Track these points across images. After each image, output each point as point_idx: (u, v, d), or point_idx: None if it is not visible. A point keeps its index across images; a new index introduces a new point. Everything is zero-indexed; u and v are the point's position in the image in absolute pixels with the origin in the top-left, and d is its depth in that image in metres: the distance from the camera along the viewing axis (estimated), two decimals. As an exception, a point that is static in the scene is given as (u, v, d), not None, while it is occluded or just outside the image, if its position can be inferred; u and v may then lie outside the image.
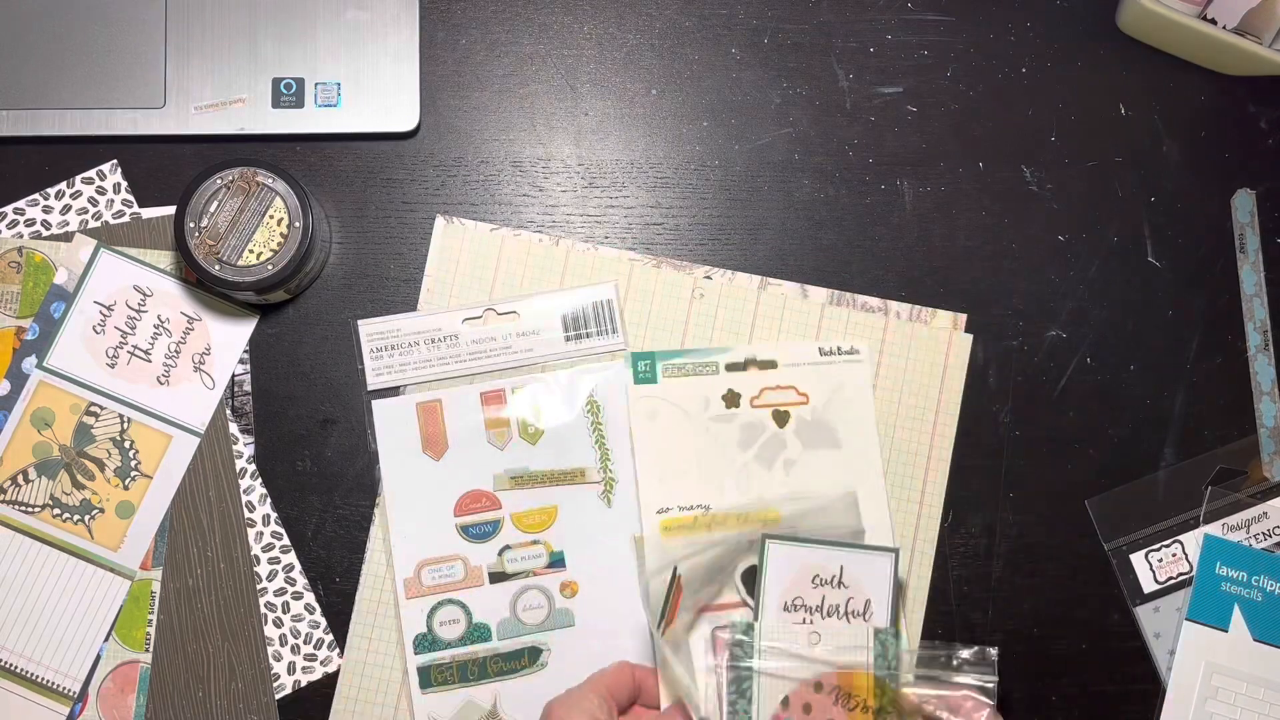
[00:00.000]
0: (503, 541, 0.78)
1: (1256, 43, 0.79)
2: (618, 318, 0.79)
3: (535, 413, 0.79)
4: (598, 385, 0.79)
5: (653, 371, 0.77)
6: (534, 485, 0.78)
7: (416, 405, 0.78)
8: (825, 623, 0.72)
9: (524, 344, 0.79)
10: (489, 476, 0.78)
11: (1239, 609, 0.78)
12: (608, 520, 0.78)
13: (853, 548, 0.73)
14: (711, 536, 0.74)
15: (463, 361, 0.79)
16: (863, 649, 0.71)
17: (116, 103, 0.79)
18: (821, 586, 0.72)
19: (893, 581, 0.72)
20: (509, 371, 0.79)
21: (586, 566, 0.78)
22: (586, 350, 0.79)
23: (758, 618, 0.72)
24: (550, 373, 0.79)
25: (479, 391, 0.79)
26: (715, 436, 0.76)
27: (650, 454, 0.76)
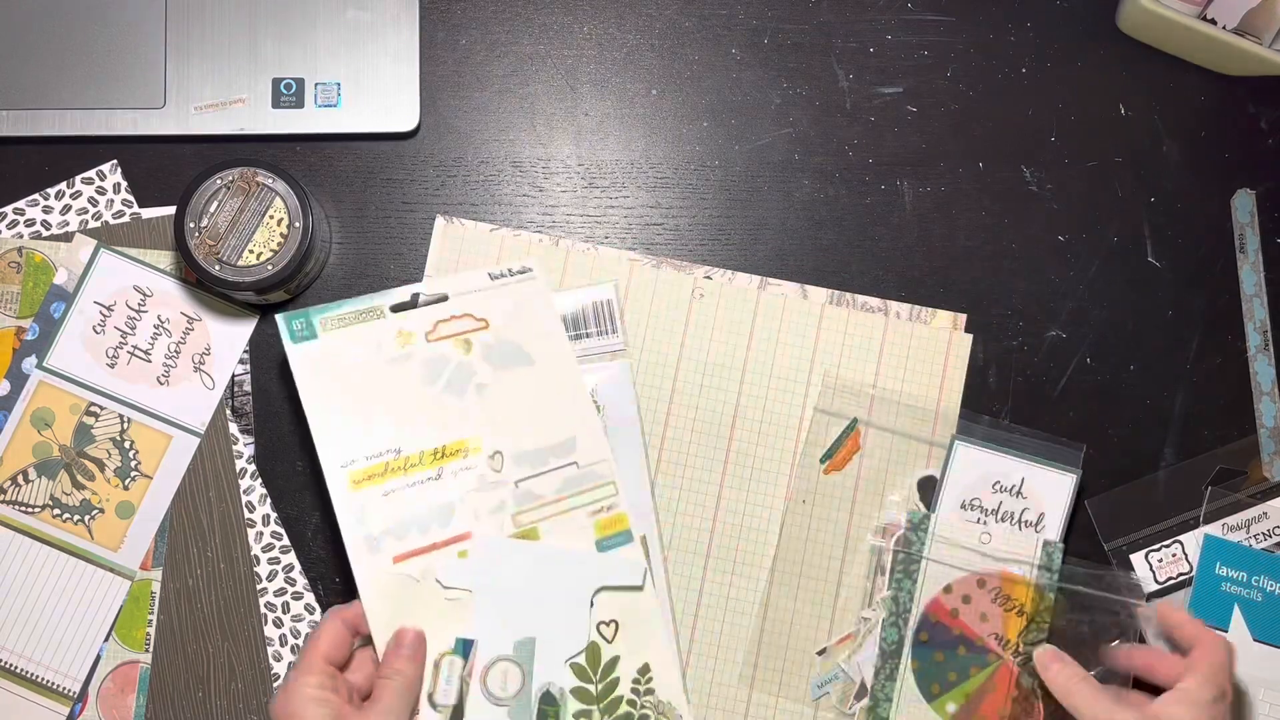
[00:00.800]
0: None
1: (1256, 43, 0.79)
2: (618, 318, 0.79)
3: (535, 413, 0.79)
4: (598, 385, 0.79)
5: (310, 328, 0.72)
6: (533, 485, 0.78)
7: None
8: (998, 527, 0.77)
9: (524, 344, 0.79)
10: (488, 476, 0.78)
11: (1239, 609, 0.78)
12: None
13: (1038, 462, 0.78)
14: (409, 479, 0.71)
15: (462, 361, 0.79)
16: (1029, 557, 0.77)
17: (116, 103, 0.79)
18: (1001, 493, 0.77)
19: (1071, 499, 0.77)
20: (509, 371, 0.79)
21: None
22: (586, 350, 0.79)
23: (933, 510, 0.78)
24: (550, 373, 0.79)
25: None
26: (395, 377, 0.73)
27: (323, 411, 0.71)
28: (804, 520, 0.79)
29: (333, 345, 0.73)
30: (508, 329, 0.75)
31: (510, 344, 0.75)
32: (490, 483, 0.73)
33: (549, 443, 0.74)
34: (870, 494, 0.79)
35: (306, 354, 0.72)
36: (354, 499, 0.71)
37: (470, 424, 0.73)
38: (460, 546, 0.71)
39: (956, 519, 0.78)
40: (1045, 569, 0.77)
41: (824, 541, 0.79)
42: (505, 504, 0.72)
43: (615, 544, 0.74)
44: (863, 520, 0.79)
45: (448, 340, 0.74)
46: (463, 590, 0.71)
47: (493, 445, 0.73)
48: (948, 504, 0.78)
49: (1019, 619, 0.77)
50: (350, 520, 0.71)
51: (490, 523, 0.72)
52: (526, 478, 0.73)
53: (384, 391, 0.72)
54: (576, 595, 0.72)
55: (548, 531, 0.73)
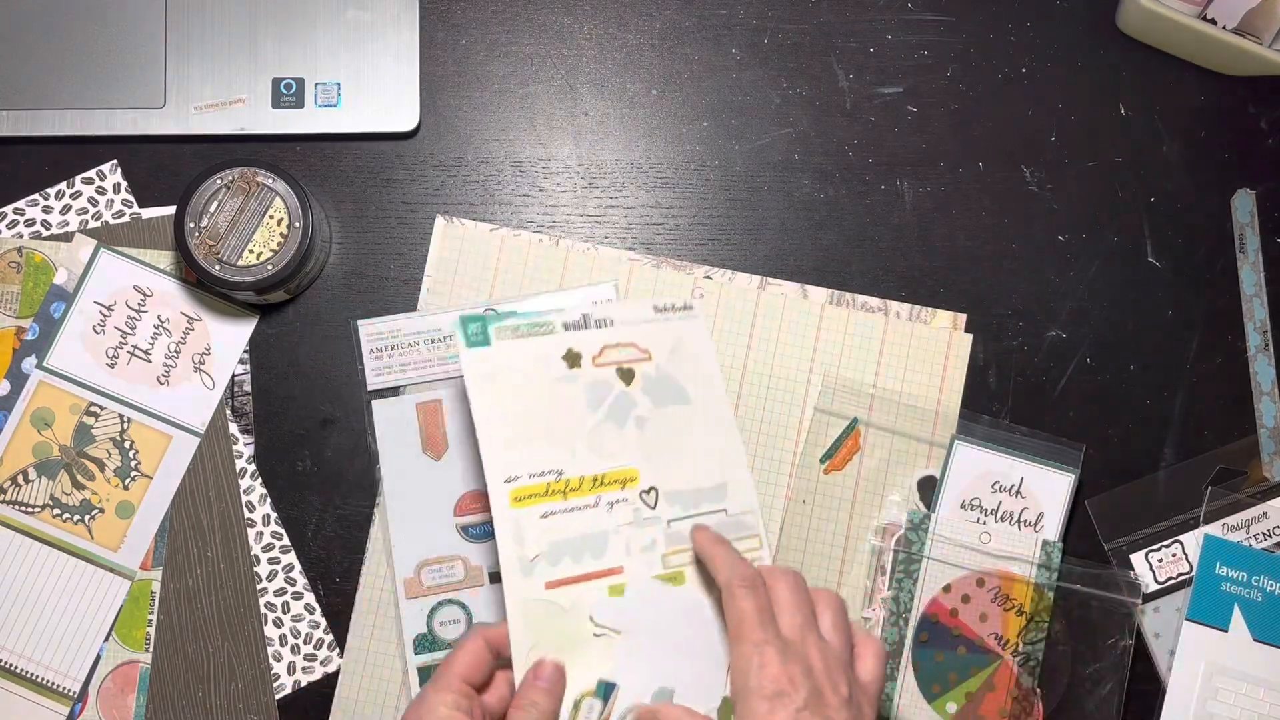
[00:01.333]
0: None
1: (1256, 43, 0.79)
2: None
3: (535, 413, 0.79)
4: (598, 385, 0.79)
5: (484, 334, 0.70)
6: (534, 485, 0.78)
7: (416, 405, 0.78)
8: (997, 526, 0.77)
9: (524, 344, 0.79)
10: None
11: (1239, 609, 0.78)
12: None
13: (1037, 461, 0.78)
14: (568, 504, 0.69)
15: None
16: (1029, 557, 0.77)
17: (116, 103, 0.79)
18: (1000, 492, 0.78)
19: (1069, 499, 0.78)
20: (509, 371, 0.79)
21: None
22: (587, 350, 0.79)
23: (933, 510, 0.78)
24: (550, 373, 0.79)
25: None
26: (560, 398, 0.70)
27: (492, 421, 0.69)
28: (804, 520, 0.79)
29: (505, 354, 0.70)
30: (669, 364, 0.72)
31: (670, 380, 0.72)
32: (644, 519, 0.69)
33: (701, 486, 0.71)
34: (870, 494, 0.79)
35: (480, 360, 0.69)
36: (514, 517, 0.68)
37: (628, 456, 0.70)
38: (611, 580, 0.68)
39: (956, 519, 0.78)
40: (1045, 568, 0.77)
41: (824, 541, 0.79)
42: (657, 543, 0.69)
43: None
44: (863, 520, 0.79)
45: (612, 367, 0.71)
46: (612, 630, 0.67)
47: (649, 480, 0.70)
48: (948, 504, 0.78)
49: (1018, 618, 0.77)
50: (508, 538, 0.67)
51: (641, 560, 0.69)
52: (678, 518, 0.70)
53: (550, 410, 0.70)
54: (716, 649, 0.69)
55: (693, 577, 0.69)
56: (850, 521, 0.79)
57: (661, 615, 0.69)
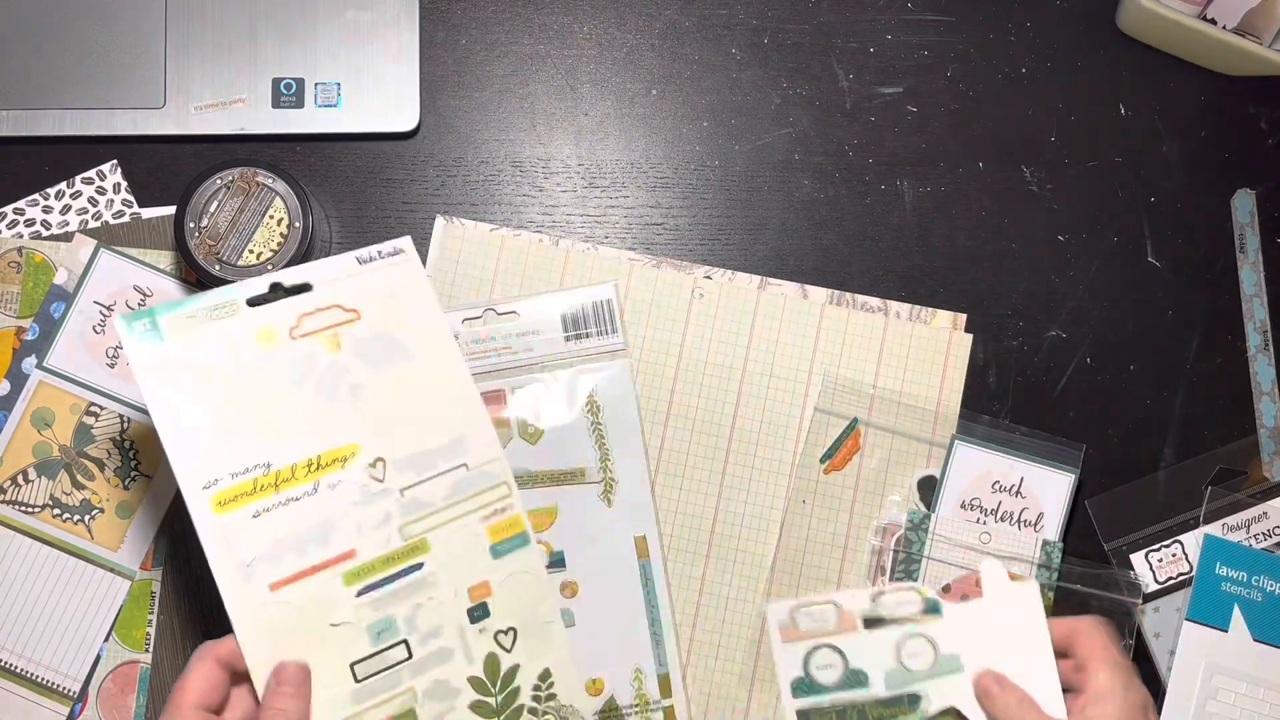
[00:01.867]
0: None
1: (1256, 43, 0.79)
2: (618, 318, 0.79)
3: (535, 413, 0.79)
4: (598, 385, 0.79)
5: (154, 329, 0.64)
6: (533, 485, 0.78)
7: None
8: (997, 526, 0.77)
9: (523, 344, 0.79)
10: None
11: (1239, 609, 0.78)
12: (608, 520, 0.78)
13: (1037, 461, 0.78)
14: (280, 495, 0.64)
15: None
16: (1029, 557, 0.77)
17: (116, 103, 0.79)
18: (1000, 492, 0.78)
19: (1069, 499, 0.78)
20: (508, 371, 0.79)
21: (586, 567, 0.78)
22: (586, 350, 0.79)
23: (933, 510, 0.78)
24: (550, 373, 0.79)
25: (478, 392, 0.79)
26: (258, 382, 0.64)
27: (178, 424, 0.63)
28: (804, 520, 0.79)
29: (183, 347, 0.64)
30: (382, 320, 0.67)
31: (385, 337, 0.67)
32: (373, 494, 0.65)
33: (435, 445, 0.67)
34: (870, 494, 0.79)
35: (152, 358, 0.64)
36: (220, 523, 0.63)
37: (346, 430, 0.65)
38: (345, 566, 0.64)
39: (956, 519, 0.78)
40: (1045, 568, 0.77)
41: (824, 541, 0.79)
42: (391, 516, 0.65)
43: (511, 547, 0.68)
44: (863, 520, 0.79)
45: (314, 336, 0.66)
46: (348, 622, 0.64)
47: (372, 452, 0.66)
48: (948, 504, 0.78)
49: None
50: (217, 548, 0.63)
51: (375, 537, 0.65)
52: (412, 485, 0.66)
53: (245, 399, 0.64)
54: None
55: (437, 541, 0.66)
56: (850, 521, 0.79)
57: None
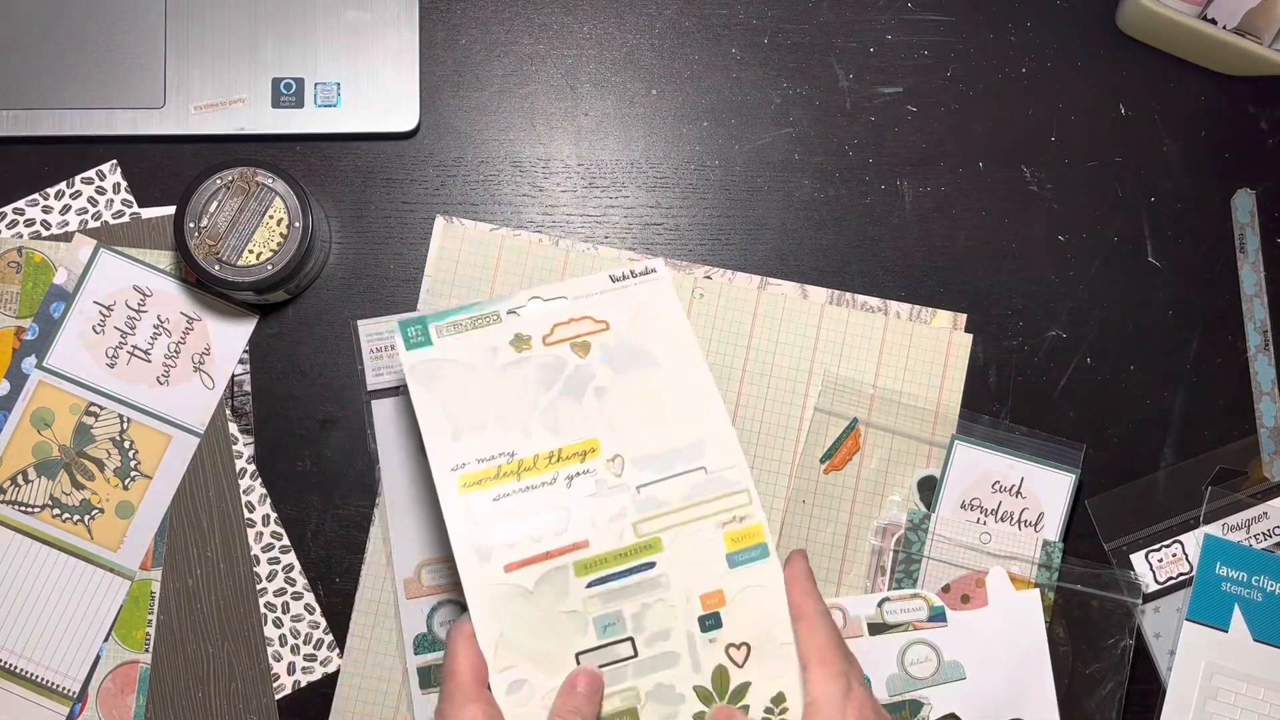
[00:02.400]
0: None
1: (1256, 43, 0.79)
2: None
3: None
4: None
5: (425, 335, 0.68)
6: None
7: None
8: (998, 526, 0.77)
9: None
10: (489, 476, 0.79)
11: (1239, 609, 0.78)
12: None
13: (1037, 461, 0.78)
14: (522, 483, 0.66)
15: (462, 361, 0.79)
16: (1029, 557, 0.77)
17: (116, 103, 0.79)
18: (1000, 493, 0.78)
19: (1069, 499, 0.78)
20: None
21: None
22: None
23: (933, 510, 0.78)
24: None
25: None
26: (510, 382, 0.68)
27: (436, 417, 0.67)
28: (804, 520, 0.79)
29: (447, 351, 0.68)
30: (631, 331, 0.70)
31: (633, 346, 0.69)
32: (609, 488, 0.66)
33: (674, 446, 0.67)
34: (870, 494, 0.79)
35: (421, 361, 0.68)
36: (463, 504, 0.66)
37: (588, 427, 0.68)
38: (577, 556, 0.65)
39: (956, 519, 0.78)
40: (1045, 568, 0.77)
41: (824, 541, 0.79)
42: (625, 511, 0.66)
43: (749, 559, 0.66)
44: (863, 520, 0.79)
45: (565, 344, 0.69)
46: (577, 611, 0.65)
47: (612, 448, 0.67)
48: (948, 504, 0.78)
49: None
50: (459, 527, 0.65)
51: (609, 531, 0.66)
52: (649, 483, 0.67)
53: (497, 396, 0.68)
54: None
55: (671, 543, 0.66)
56: (850, 521, 0.79)
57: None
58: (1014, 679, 0.76)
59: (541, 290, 0.70)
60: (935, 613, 0.77)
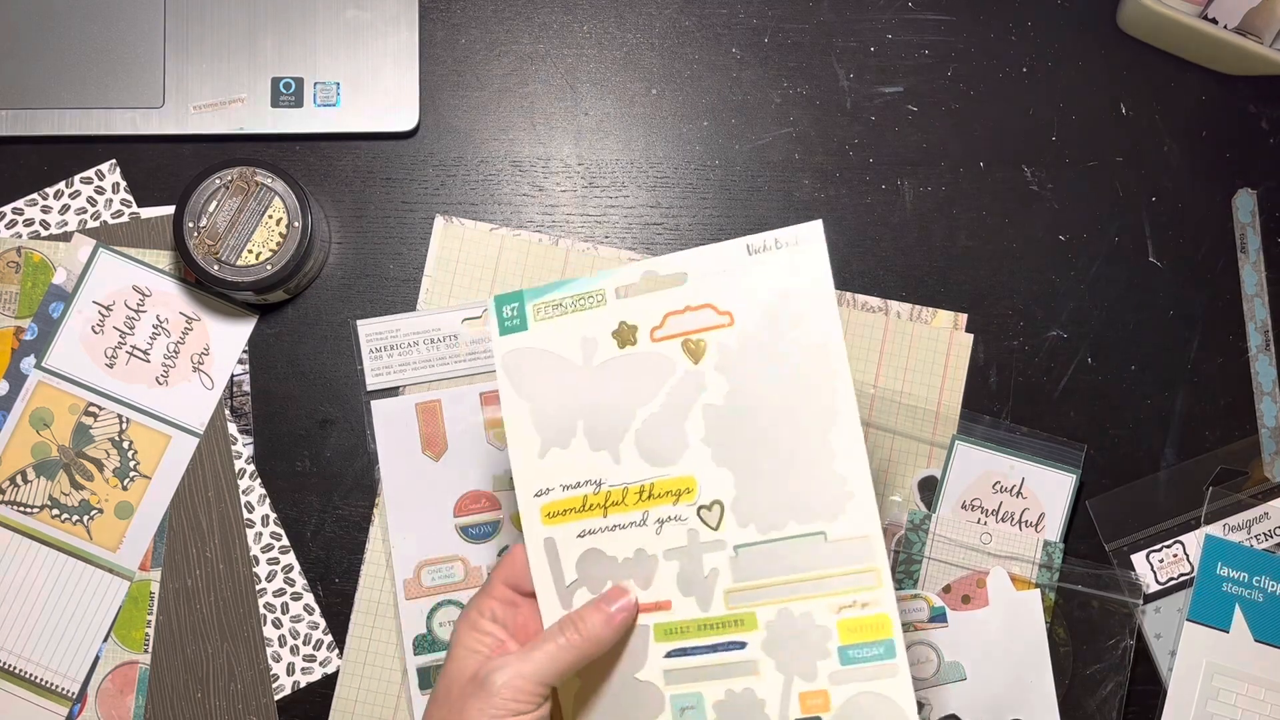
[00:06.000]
0: (502, 542, 0.78)
1: (1257, 42, 0.79)
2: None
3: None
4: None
5: (521, 316, 0.59)
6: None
7: (416, 405, 0.78)
8: (998, 527, 0.77)
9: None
10: (488, 477, 0.78)
11: (1240, 609, 0.78)
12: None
13: (1038, 462, 0.77)
14: (608, 520, 0.57)
15: (462, 361, 0.79)
16: (1030, 557, 0.76)
17: (115, 102, 0.79)
18: (1001, 493, 0.77)
19: (1070, 499, 0.77)
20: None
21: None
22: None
23: (934, 510, 0.77)
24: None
25: (478, 392, 0.79)
26: (606, 388, 0.58)
27: (524, 424, 0.59)
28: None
29: (543, 339, 0.59)
30: (760, 328, 0.55)
31: (760, 351, 0.56)
32: (702, 541, 0.56)
33: (791, 499, 0.55)
34: (871, 494, 0.79)
35: (515, 349, 0.59)
36: (548, 536, 0.58)
37: (687, 458, 0.56)
38: (658, 618, 0.56)
39: (957, 519, 0.78)
40: (1046, 569, 0.77)
41: (824, 542, 0.78)
42: (719, 574, 0.55)
43: (868, 657, 0.54)
44: (863, 520, 0.79)
45: (676, 340, 0.57)
46: (653, 684, 0.57)
47: (712, 492, 0.56)
48: (948, 504, 0.78)
49: None
50: (542, 561, 0.58)
51: (695, 595, 0.56)
52: (751, 544, 0.55)
53: (591, 404, 0.58)
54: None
55: (769, 622, 0.55)
56: (851, 522, 0.79)
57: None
58: (1015, 679, 0.76)
59: (657, 264, 0.57)
60: (936, 613, 0.77)
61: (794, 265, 0.55)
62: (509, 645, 0.58)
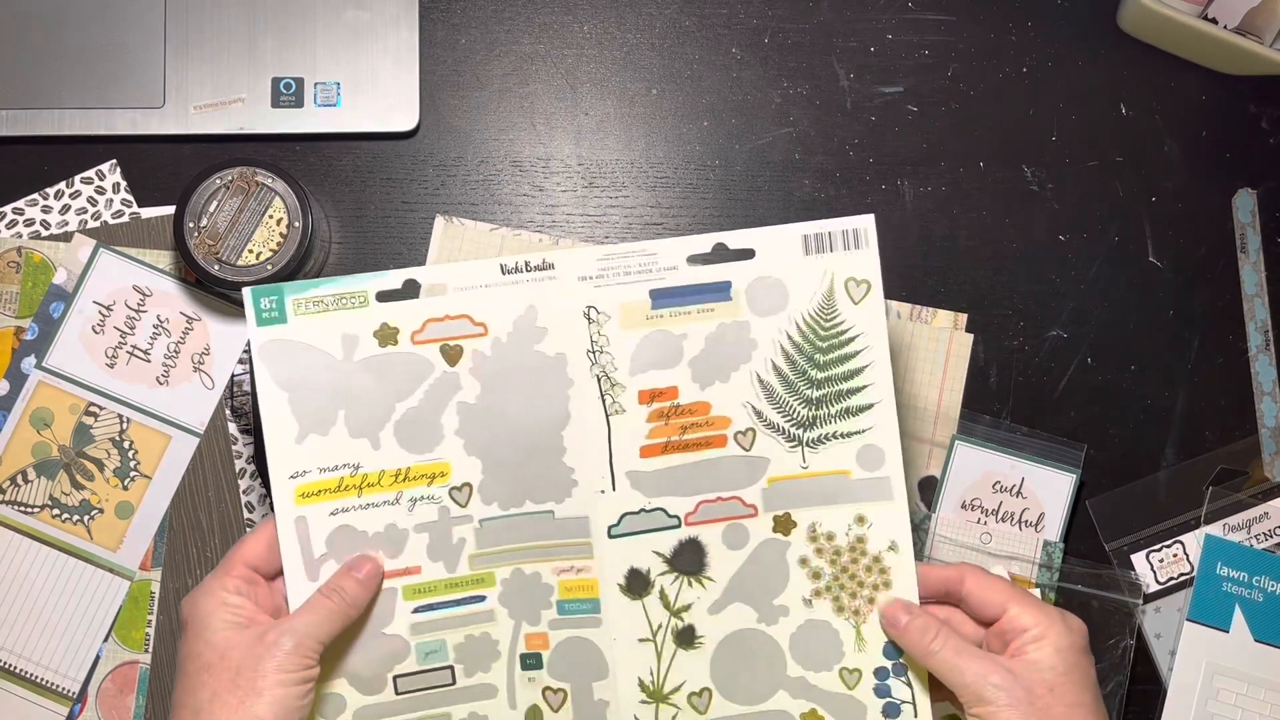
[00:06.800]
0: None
1: (1257, 42, 0.79)
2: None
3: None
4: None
5: (279, 309, 0.63)
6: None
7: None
8: (998, 526, 0.77)
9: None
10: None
11: (1240, 609, 0.78)
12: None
13: (1038, 462, 0.78)
14: (362, 499, 0.64)
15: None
16: (1030, 557, 0.77)
17: (116, 102, 0.79)
18: (1001, 493, 0.77)
19: (1070, 499, 0.77)
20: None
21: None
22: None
23: (934, 510, 0.77)
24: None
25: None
26: (367, 381, 0.64)
27: (281, 412, 0.63)
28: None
29: (303, 332, 0.64)
30: (512, 340, 0.65)
31: (509, 359, 0.65)
32: (451, 516, 0.65)
33: (528, 484, 0.65)
34: (870, 494, 0.79)
35: (272, 339, 0.64)
36: (298, 515, 0.64)
37: (442, 448, 0.65)
38: (407, 580, 0.65)
39: (957, 519, 0.78)
40: (1046, 569, 0.77)
41: (824, 542, 0.78)
42: (465, 542, 0.65)
43: (578, 610, 0.66)
44: (863, 520, 0.79)
45: (435, 344, 0.64)
46: (400, 635, 0.65)
47: (463, 475, 0.65)
48: (948, 504, 0.78)
49: None
50: (290, 538, 0.64)
51: (443, 560, 0.65)
52: (493, 518, 0.65)
53: (352, 396, 0.64)
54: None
55: (504, 580, 0.65)
56: (850, 522, 0.79)
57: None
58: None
59: (420, 272, 0.64)
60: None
61: (541, 285, 0.65)
62: (259, 616, 0.62)
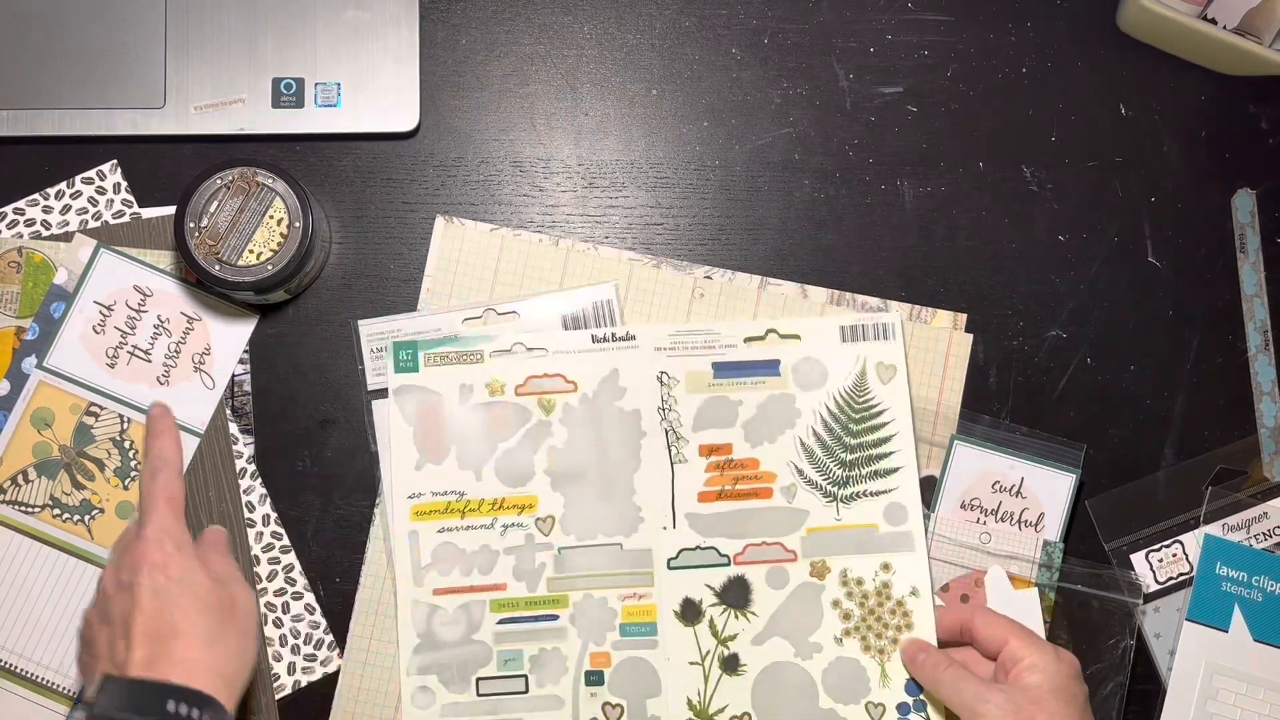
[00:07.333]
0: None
1: (1257, 43, 0.79)
2: (618, 318, 0.79)
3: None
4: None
5: (414, 360, 0.77)
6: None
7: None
8: (998, 526, 0.77)
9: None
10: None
11: (1239, 609, 0.78)
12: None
13: (1038, 461, 0.78)
14: (464, 522, 0.76)
15: (462, 361, 0.80)
16: (1029, 557, 0.77)
17: (116, 103, 0.79)
18: (1000, 493, 0.78)
19: (1070, 499, 0.78)
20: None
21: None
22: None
23: (933, 510, 0.78)
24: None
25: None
26: (476, 423, 0.77)
27: (404, 443, 0.77)
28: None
29: (430, 380, 0.77)
30: (597, 396, 0.77)
31: (593, 412, 0.77)
32: (536, 543, 0.76)
33: (602, 519, 0.76)
34: (870, 494, 0.79)
35: (406, 384, 0.77)
36: (411, 529, 0.76)
37: (532, 483, 0.76)
38: (494, 595, 0.76)
39: (956, 519, 0.78)
40: (1045, 568, 0.77)
41: (824, 541, 0.79)
42: (545, 566, 0.76)
43: (639, 633, 0.76)
44: (863, 520, 0.79)
45: (534, 397, 0.77)
46: (485, 643, 0.76)
47: (547, 509, 0.76)
48: (948, 504, 0.78)
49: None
50: (403, 548, 0.76)
51: (526, 580, 0.76)
52: (570, 547, 0.76)
53: (464, 434, 0.77)
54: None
55: (576, 601, 0.76)
56: (850, 521, 0.79)
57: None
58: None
59: (526, 338, 0.78)
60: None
61: (625, 353, 0.78)
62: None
